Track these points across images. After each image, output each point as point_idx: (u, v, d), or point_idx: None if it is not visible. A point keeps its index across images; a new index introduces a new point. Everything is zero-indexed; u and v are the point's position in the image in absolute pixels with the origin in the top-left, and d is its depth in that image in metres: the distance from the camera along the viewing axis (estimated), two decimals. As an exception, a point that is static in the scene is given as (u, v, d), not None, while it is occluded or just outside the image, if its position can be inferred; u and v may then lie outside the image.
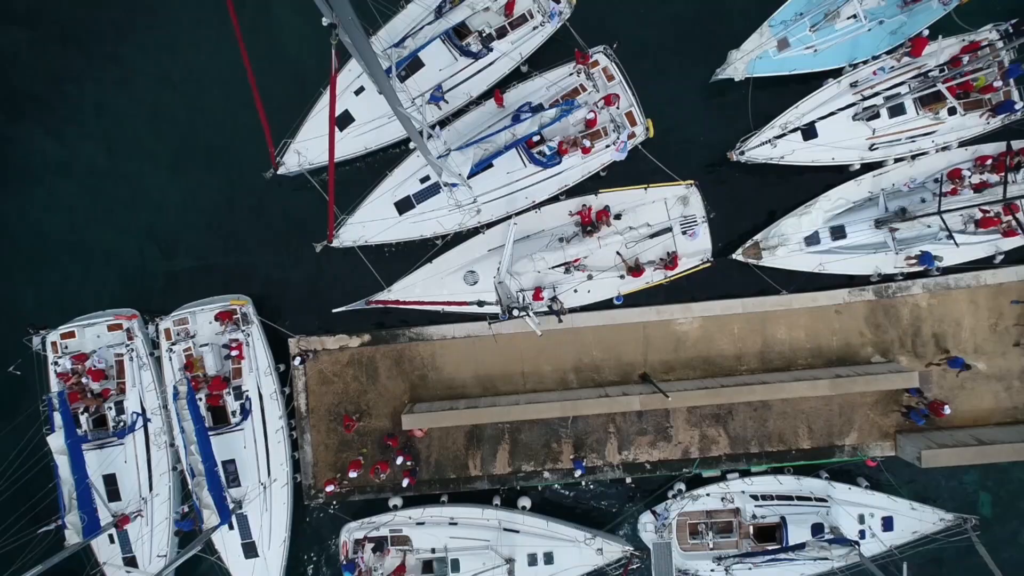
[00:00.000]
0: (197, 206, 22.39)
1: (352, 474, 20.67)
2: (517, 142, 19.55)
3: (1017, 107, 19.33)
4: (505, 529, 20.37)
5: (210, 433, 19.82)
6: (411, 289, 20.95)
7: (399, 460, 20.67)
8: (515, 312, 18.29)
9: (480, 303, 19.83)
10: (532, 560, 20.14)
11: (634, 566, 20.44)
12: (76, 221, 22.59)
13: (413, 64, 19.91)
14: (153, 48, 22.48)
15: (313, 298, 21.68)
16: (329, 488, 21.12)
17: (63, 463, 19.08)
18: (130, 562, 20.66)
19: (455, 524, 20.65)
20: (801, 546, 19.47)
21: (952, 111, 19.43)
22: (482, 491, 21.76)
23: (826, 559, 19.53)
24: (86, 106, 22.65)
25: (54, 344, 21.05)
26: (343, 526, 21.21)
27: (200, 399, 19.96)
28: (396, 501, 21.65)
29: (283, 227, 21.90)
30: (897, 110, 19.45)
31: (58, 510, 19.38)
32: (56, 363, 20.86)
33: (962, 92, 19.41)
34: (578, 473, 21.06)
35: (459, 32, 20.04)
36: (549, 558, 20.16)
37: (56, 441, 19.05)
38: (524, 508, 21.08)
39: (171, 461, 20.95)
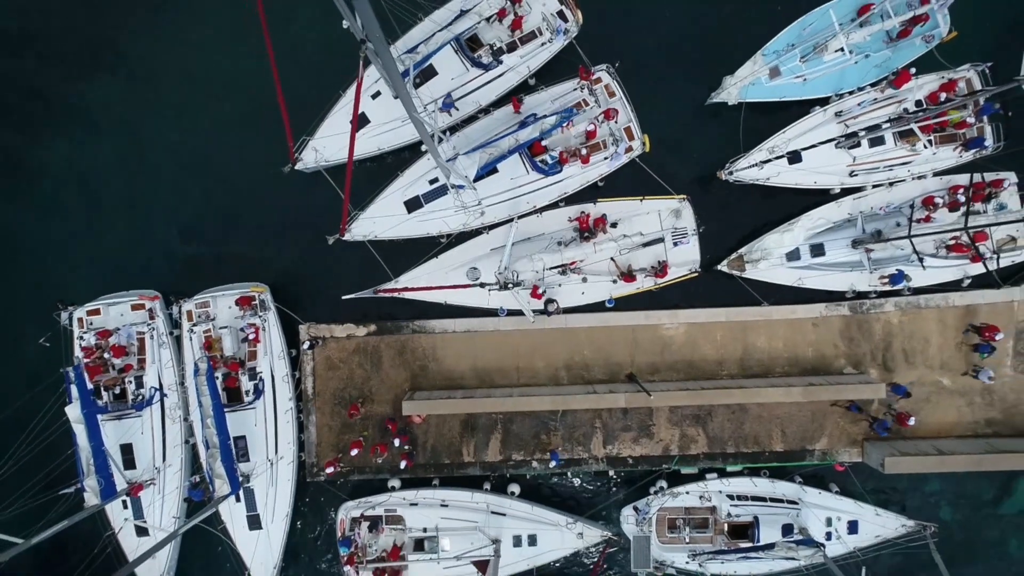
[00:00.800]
0: (218, 197, 23.72)
1: (353, 451, 22.05)
2: (520, 146, 20.95)
3: (987, 144, 20.76)
4: (493, 512, 21.82)
5: (224, 410, 21.18)
6: (416, 281, 22.29)
7: (396, 442, 22.05)
8: (510, 286, 19.86)
9: (482, 284, 21.16)
10: (517, 541, 21.62)
11: (612, 549, 21.88)
12: (105, 207, 23.88)
13: (427, 72, 21.29)
14: (180, 46, 23.71)
15: (324, 287, 22.94)
16: (329, 469, 22.53)
17: (80, 432, 20.43)
18: (141, 527, 22.03)
19: (446, 506, 22.08)
20: (771, 546, 20.89)
21: (928, 143, 20.81)
22: (473, 476, 23.13)
23: (793, 559, 20.97)
24: (116, 98, 23.89)
25: (80, 320, 22.36)
26: (341, 504, 22.58)
27: (217, 377, 21.31)
28: (394, 483, 23.04)
29: (298, 220, 23.16)
30: (877, 140, 20.87)
31: (76, 475, 20.82)
32: (81, 338, 22.20)
33: (938, 126, 20.78)
34: (553, 464, 22.40)
35: (471, 44, 21.46)
36: (533, 540, 21.63)
37: (73, 411, 20.42)
38: (513, 494, 22.48)
39: (184, 435, 22.33)
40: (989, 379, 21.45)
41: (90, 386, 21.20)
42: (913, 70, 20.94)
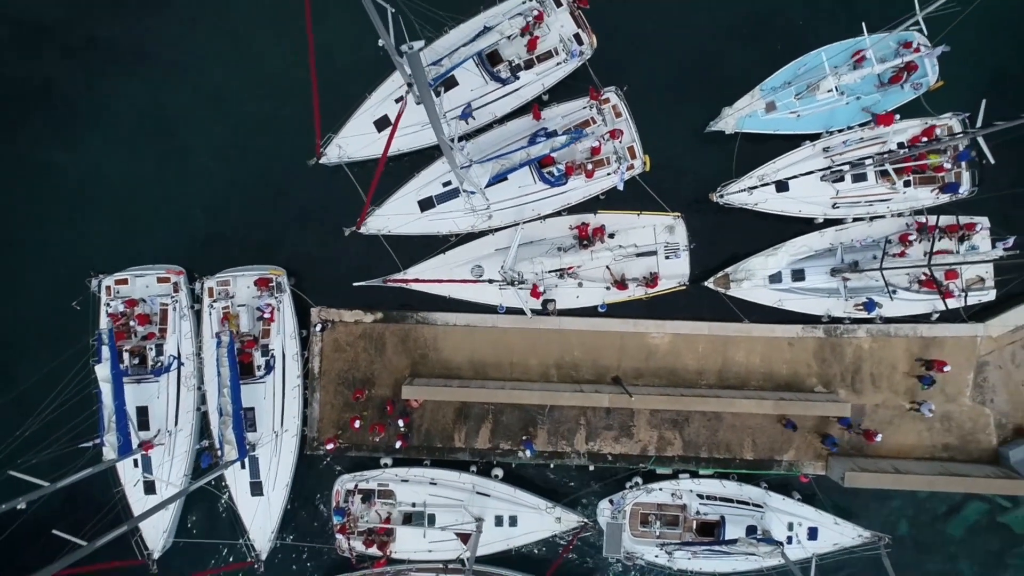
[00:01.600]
0: (244, 183, 25.29)
1: (354, 427, 23.73)
2: (530, 161, 22.57)
3: (962, 189, 22.36)
4: (478, 492, 23.49)
5: (238, 382, 22.83)
6: (423, 274, 23.78)
7: (401, 424, 23.75)
8: (514, 284, 21.48)
9: (490, 280, 22.71)
10: (499, 521, 23.28)
11: (585, 534, 23.56)
12: (138, 183, 25.46)
13: (448, 82, 22.88)
14: (222, 36, 25.41)
15: (336, 274, 24.41)
16: (329, 445, 24.15)
17: (106, 390, 22.14)
18: (149, 485, 23.67)
19: (435, 484, 23.73)
20: (734, 541, 22.50)
21: (907, 183, 22.40)
22: (463, 461, 24.69)
23: (754, 555, 22.55)
24: (157, 82, 25.49)
25: (108, 288, 23.97)
26: (337, 477, 24.20)
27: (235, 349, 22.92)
28: (386, 460, 24.67)
29: (317, 210, 24.76)
30: (859, 177, 22.44)
31: (96, 432, 22.47)
32: (108, 304, 23.82)
33: (918, 168, 22.36)
34: (528, 454, 23.96)
35: (491, 59, 23.05)
36: (513, 520, 23.32)
37: (103, 371, 22.12)
38: (497, 476, 24.13)
39: (196, 402, 23.96)
40: (930, 412, 23.11)
41: (114, 350, 22.86)
42: (898, 116, 22.48)
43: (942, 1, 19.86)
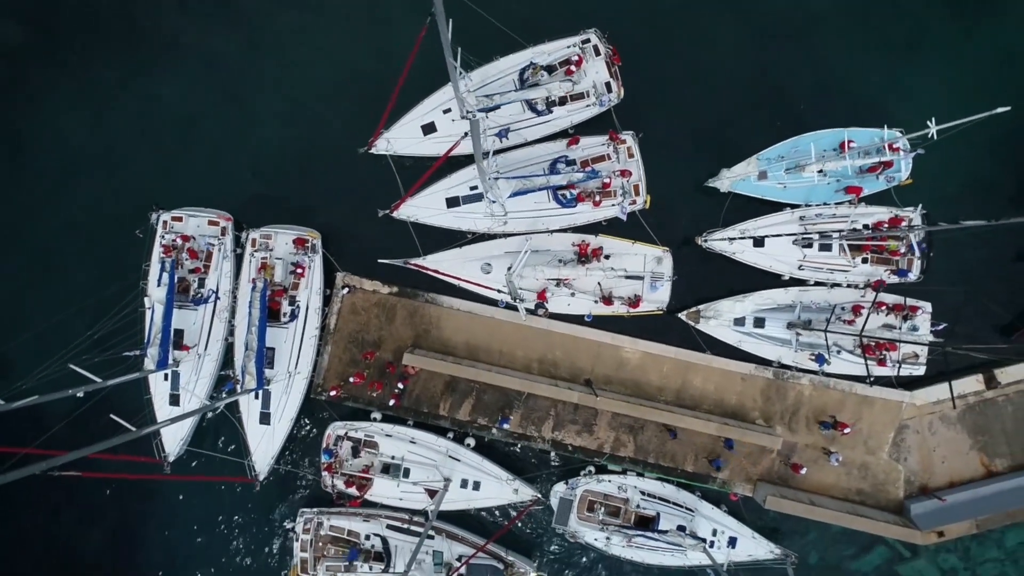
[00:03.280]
0: (299, 152, 28.91)
1: (354, 381, 27.41)
2: (549, 187, 26.19)
3: (910, 275, 25.86)
4: (450, 456, 27.06)
5: (265, 323, 26.44)
6: (439, 262, 27.33)
7: (400, 386, 27.37)
8: (514, 300, 24.73)
9: (497, 291, 26.58)
10: (464, 484, 26.90)
11: (536, 507, 27.25)
12: (205, 135, 29.15)
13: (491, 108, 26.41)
14: (310, 12, 29.18)
15: (365, 248, 27.92)
16: (332, 392, 27.75)
17: (158, 309, 25.85)
18: (174, 397, 27.31)
19: (414, 443, 27.27)
20: (665, 532, 26.21)
21: (864, 260, 25.93)
22: (443, 428, 28.23)
23: (679, 548, 26.17)
24: (236, 45, 29.34)
25: (165, 223, 27.54)
26: (331, 423, 27.71)
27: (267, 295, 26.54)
28: (376, 415, 28.21)
29: (358, 190, 28.19)
30: (826, 247, 25.93)
31: (140, 344, 26.17)
32: (163, 237, 27.37)
33: (877, 248, 25.84)
34: (505, 426, 27.46)
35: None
36: (476, 486, 26.94)
37: (159, 293, 25.87)
38: (469, 445, 27.77)
39: (225, 333, 27.52)
40: (837, 461, 26.76)
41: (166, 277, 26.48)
42: (864, 192, 26.06)
43: (957, 123, 22.19)
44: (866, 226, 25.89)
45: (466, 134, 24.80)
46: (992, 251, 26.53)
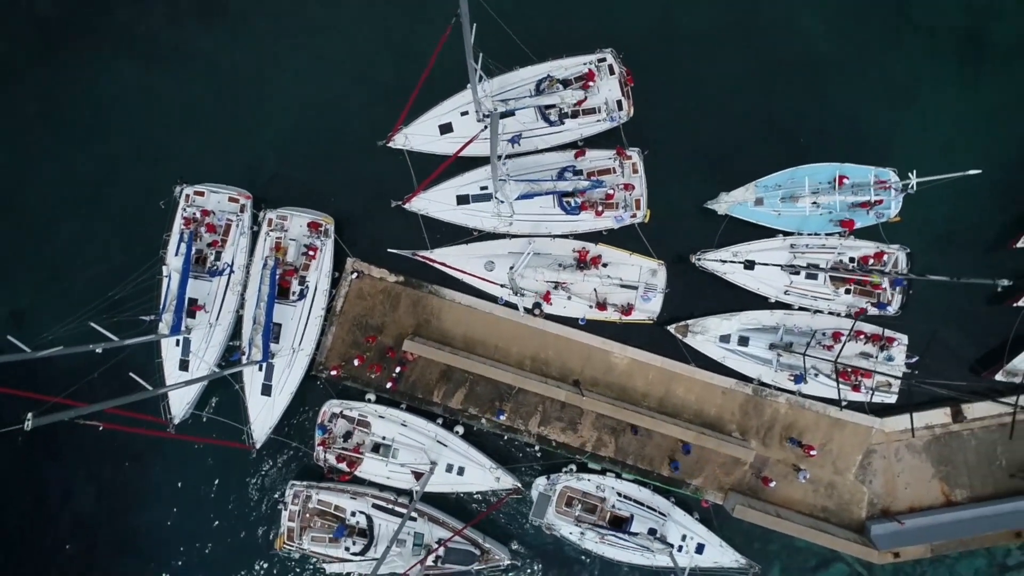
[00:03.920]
0: (321, 139, 30.33)
1: (355, 362, 28.78)
2: (556, 192, 27.53)
3: (890, 309, 27.24)
4: (438, 441, 28.44)
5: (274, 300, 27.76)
6: (445, 256, 28.69)
7: (398, 369, 28.73)
8: (516, 295, 26.08)
9: (500, 285, 27.94)
10: (449, 468, 28.26)
11: (516, 496, 28.65)
12: (231, 112, 30.63)
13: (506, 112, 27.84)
14: (338, 22, 30.74)
15: (375, 236, 29.39)
16: (333, 372, 29.14)
17: (174, 277, 27.22)
18: (183, 363, 28.66)
19: (405, 425, 28.67)
20: (635, 535, 27.61)
21: (847, 291, 27.31)
22: (433, 414, 29.57)
23: (648, 550, 27.57)
24: (271, 30, 30.90)
25: (187, 196, 28.93)
26: (327, 400, 29.08)
27: (277, 273, 27.91)
28: (370, 396, 29.58)
29: (373, 181, 29.58)
30: (812, 276, 27.29)
31: (155, 310, 27.55)
32: (185, 210, 28.75)
33: (860, 280, 27.21)
34: (502, 417, 28.91)
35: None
36: (461, 471, 28.31)
37: (176, 262, 27.28)
38: (457, 432, 29.14)
39: (236, 306, 28.85)
40: (804, 479, 28.19)
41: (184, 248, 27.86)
42: (857, 226, 27.45)
43: (935, 178, 24.72)
44: (852, 259, 27.24)
45: (485, 127, 26.17)
46: (969, 293, 27.71)
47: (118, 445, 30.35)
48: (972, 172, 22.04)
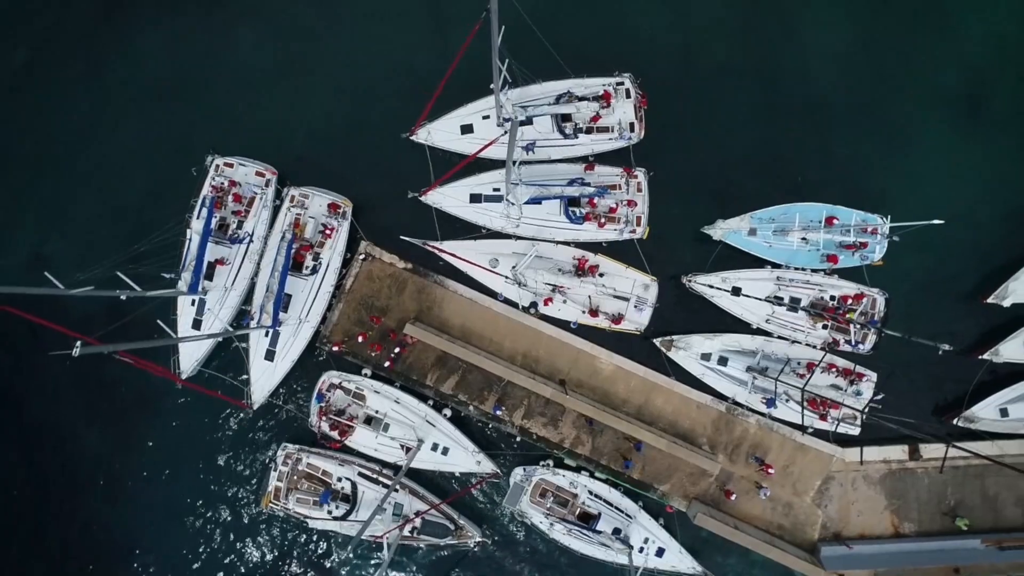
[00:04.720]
0: (348, 127, 32.04)
1: (358, 339, 30.56)
2: (563, 197, 29.29)
3: (862, 348, 28.96)
4: (427, 420, 30.26)
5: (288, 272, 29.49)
6: (455, 249, 30.26)
7: (397, 350, 30.46)
8: (519, 285, 28.02)
9: (505, 277, 29.82)
10: (434, 447, 30.08)
11: (494, 480, 30.47)
12: (266, 92, 32.36)
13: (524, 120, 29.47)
14: (375, 14, 32.44)
15: (389, 222, 31.05)
16: (336, 347, 30.89)
17: (194, 240, 28.97)
18: (196, 322, 30.40)
19: (398, 402, 30.45)
20: (600, 532, 29.41)
21: (824, 327, 29.04)
22: (425, 396, 31.31)
23: (608, 548, 29.36)
24: (310, 20, 32.64)
25: (217, 166, 30.69)
26: (326, 371, 30.86)
27: (293, 248, 29.66)
28: (367, 371, 31.28)
29: (393, 170, 31.22)
30: (793, 308, 29.00)
31: (175, 268, 29.30)
32: (214, 179, 30.51)
33: (839, 317, 28.90)
34: (497, 412, 30.66)
35: (564, 116, 29.67)
36: (445, 451, 30.13)
37: (197, 224, 29.04)
38: (445, 415, 30.89)
39: (252, 274, 30.58)
40: (766, 496, 29.96)
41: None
42: (840, 260, 29.20)
43: (907, 224, 27.27)
44: (832, 297, 28.97)
45: (505, 131, 27.82)
46: (937, 341, 29.27)
47: (129, 390, 32.34)
48: (936, 222, 23.99)
